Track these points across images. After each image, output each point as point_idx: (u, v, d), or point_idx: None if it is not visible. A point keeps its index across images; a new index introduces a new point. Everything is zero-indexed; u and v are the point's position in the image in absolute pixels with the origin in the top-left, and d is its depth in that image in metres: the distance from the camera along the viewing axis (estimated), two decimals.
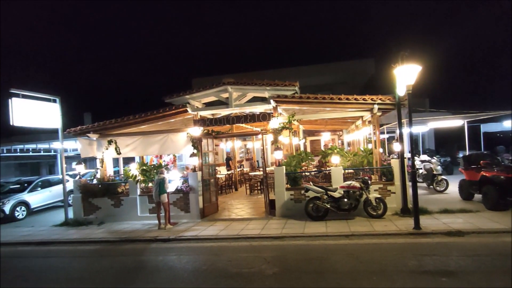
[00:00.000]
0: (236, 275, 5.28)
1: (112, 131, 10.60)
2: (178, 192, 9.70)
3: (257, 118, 9.74)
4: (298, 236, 7.22)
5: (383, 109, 9.43)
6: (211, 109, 10.35)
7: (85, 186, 10.33)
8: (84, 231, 9.27)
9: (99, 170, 10.71)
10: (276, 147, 9.31)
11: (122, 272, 6.02)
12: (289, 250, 6.47)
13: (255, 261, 5.89)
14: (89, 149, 10.67)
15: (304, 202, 8.78)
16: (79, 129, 10.58)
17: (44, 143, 17.61)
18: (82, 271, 6.42)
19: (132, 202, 10.00)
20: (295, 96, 9.36)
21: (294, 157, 9.74)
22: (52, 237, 8.82)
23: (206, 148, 10.21)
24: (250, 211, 10.11)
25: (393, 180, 8.77)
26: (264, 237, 7.36)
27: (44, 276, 6.17)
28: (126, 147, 10.50)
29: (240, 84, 9.59)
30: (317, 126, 17.36)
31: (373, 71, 24.68)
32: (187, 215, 9.64)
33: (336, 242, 6.72)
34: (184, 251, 6.95)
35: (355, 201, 8.29)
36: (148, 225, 9.35)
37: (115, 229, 9.19)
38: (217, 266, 5.81)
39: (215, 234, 7.80)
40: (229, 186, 14.35)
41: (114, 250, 7.56)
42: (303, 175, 9.66)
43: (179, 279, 5.40)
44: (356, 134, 14.27)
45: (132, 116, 10.07)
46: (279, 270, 5.40)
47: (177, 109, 9.78)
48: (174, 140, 10.17)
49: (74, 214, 10.41)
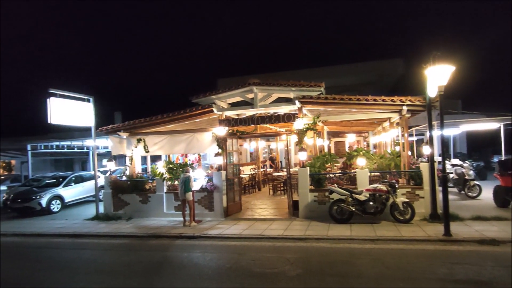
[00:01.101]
0: (260, 275, 5.32)
1: (141, 130, 10.97)
2: (202, 190, 9.89)
3: (281, 119, 9.74)
4: (321, 238, 7.16)
5: (413, 110, 9.14)
6: (236, 109, 10.46)
7: (115, 182, 10.77)
8: (114, 225, 9.66)
9: (128, 167, 11.12)
10: (300, 148, 9.27)
11: (150, 266, 6.22)
12: (312, 252, 6.43)
13: (278, 262, 5.90)
14: (120, 147, 11.10)
15: (328, 204, 8.69)
16: (111, 127, 11.04)
17: (78, 141, 18.54)
18: (112, 264, 6.70)
19: (158, 199, 10.31)
20: (320, 97, 9.28)
21: (319, 158, 9.66)
22: (84, 230, 9.26)
23: (230, 148, 10.34)
24: (273, 212, 10.13)
25: (422, 184, 8.49)
26: (287, 238, 7.35)
27: (77, 267, 6.50)
28: (154, 145, 10.83)
29: (265, 85, 9.63)
30: (342, 128, 17.07)
31: (402, 71, 23.94)
32: (211, 213, 9.80)
33: (361, 246, 6.60)
34: (208, 249, 7.08)
35: (381, 204, 8.10)
36: (173, 222, 9.59)
37: (142, 224, 9.51)
38: (241, 265, 5.88)
39: (238, 233, 7.89)
40: (253, 186, 14.42)
41: (142, 245, 7.83)
42: (327, 177, 9.55)
43: (204, 275, 5.51)
44: (382, 136, 13.92)
45: (160, 115, 10.37)
46: (302, 271, 5.38)
47: (203, 109, 9.96)
48: (200, 140, 10.38)
49: (105, 209, 10.88)
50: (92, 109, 10.98)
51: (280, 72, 24.30)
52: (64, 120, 10.18)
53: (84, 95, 10.81)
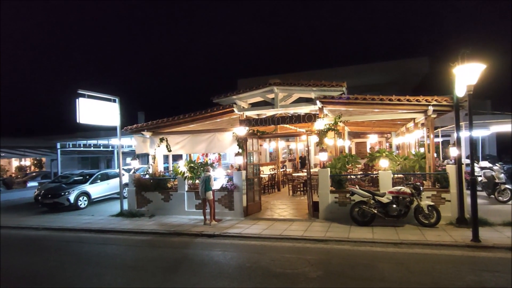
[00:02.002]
0: (280, 275, 5.32)
1: (164, 129, 11.21)
2: (223, 190, 9.99)
3: (302, 119, 9.68)
4: (342, 240, 7.06)
5: (439, 111, 8.85)
6: (256, 109, 10.49)
7: (139, 180, 11.08)
8: (137, 222, 9.93)
9: (151, 166, 11.40)
10: (321, 149, 9.19)
11: (172, 263, 6.36)
12: (333, 254, 6.36)
13: (298, 263, 5.88)
14: (143, 145, 11.40)
15: (349, 206, 8.56)
16: (135, 127, 11.37)
17: (104, 139, 19.20)
18: (136, 259, 6.90)
19: (180, 197, 10.51)
20: (342, 96, 9.15)
21: (340, 159, 9.53)
22: (109, 226, 9.58)
23: (251, 148, 10.39)
24: (293, 212, 10.09)
25: (448, 187, 8.20)
26: (307, 239, 7.30)
27: (103, 261, 6.74)
28: (176, 144, 11.05)
29: (286, 85, 9.60)
30: (363, 128, 16.75)
31: (427, 70, 23.17)
32: (231, 212, 9.88)
33: (383, 250, 6.46)
34: (229, 248, 7.15)
35: (404, 207, 7.89)
36: (194, 220, 9.75)
37: (164, 222, 9.72)
38: (261, 264, 5.90)
39: (258, 233, 7.91)
40: (272, 186, 14.42)
41: (164, 241, 8.01)
42: (348, 178, 9.41)
43: (224, 274, 5.57)
44: (406, 137, 13.55)
45: (182, 115, 10.57)
46: (323, 273, 5.33)
47: (224, 109, 10.06)
48: (220, 139, 10.49)
49: (129, 206, 11.21)
50: (117, 109, 11.33)
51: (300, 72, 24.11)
52: (91, 119, 10.56)
53: (110, 96, 11.17)
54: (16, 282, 5.71)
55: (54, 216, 11.73)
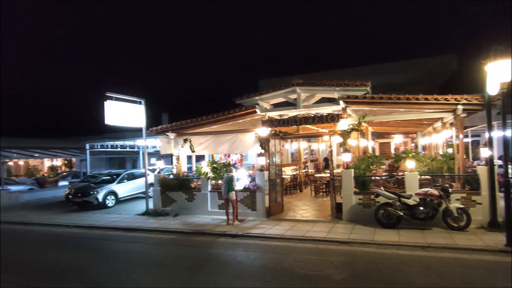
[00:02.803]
0: (304, 277, 5.30)
1: (187, 130, 11.44)
2: (245, 190, 10.06)
3: (325, 119, 9.58)
4: (367, 243, 6.93)
5: (469, 110, 8.50)
6: (278, 110, 10.49)
7: (164, 180, 11.36)
8: (162, 221, 10.18)
9: (175, 166, 11.66)
10: (344, 149, 9.06)
11: (196, 262, 6.48)
12: (357, 257, 6.26)
13: (322, 264, 5.84)
14: (168, 146, 11.68)
15: (373, 207, 8.40)
16: (160, 128, 11.67)
17: (130, 140, 19.84)
18: (161, 257, 7.09)
19: (203, 197, 10.68)
20: (366, 96, 8.99)
21: (363, 160, 9.36)
22: (135, 225, 9.88)
23: (273, 149, 10.39)
24: (316, 213, 10.00)
25: (479, 189, 7.86)
26: (330, 241, 7.23)
27: (130, 259, 6.97)
28: (199, 145, 11.25)
29: (309, 85, 9.54)
30: (387, 128, 16.34)
31: (455, 68, 22.28)
32: (254, 213, 9.93)
33: (410, 253, 6.29)
34: (252, 248, 7.19)
35: (432, 210, 7.64)
36: (217, 220, 9.87)
37: (188, 221, 9.91)
38: (284, 265, 5.90)
39: (280, 234, 7.91)
40: (294, 187, 14.36)
41: (188, 240, 8.17)
42: (372, 179, 9.23)
43: (248, 274, 5.62)
44: (433, 137, 13.10)
45: (205, 116, 10.74)
46: (347, 276, 5.27)
47: (247, 110, 10.13)
48: (243, 140, 10.58)
49: (154, 205, 11.52)
50: (143, 111, 11.67)
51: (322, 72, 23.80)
52: (118, 121, 10.92)
53: (136, 98, 11.51)
54: (49, 276, 6.01)
55: (84, 214, 12.24)
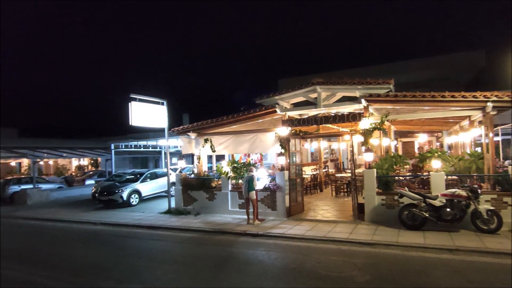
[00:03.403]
0: (326, 278, 5.25)
1: (208, 130, 11.58)
2: (265, 190, 10.07)
3: (346, 119, 9.43)
4: (391, 244, 6.77)
5: (499, 107, 8.14)
6: (299, 109, 10.43)
7: (185, 180, 11.56)
8: (184, 219, 10.37)
9: (196, 165, 11.84)
10: (366, 149, 8.90)
11: (218, 260, 6.56)
12: (381, 258, 6.13)
13: (344, 266, 5.76)
14: (189, 146, 11.88)
15: (397, 208, 8.19)
16: (181, 128, 11.88)
17: (152, 140, 20.35)
18: (184, 255, 7.22)
19: (224, 197, 10.78)
20: (389, 94, 8.78)
21: (387, 159, 9.15)
22: (158, 223, 10.11)
23: (293, 148, 10.34)
24: (337, 214, 9.87)
25: (511, 190, 7.51)
26: (352, 242, 7.11)
27: (153, 256, 7.14)
28: (220, 145, 11.36)
29: (329, 84, 9.42)
30: (411, 127, 15.86)
31: (483, 64, 21.34)
32: (274, 212, 9.93)
33: (437, 256, 6.09)
34: (272, 248, 7.19)
35: (460, 211, 7.37)
36: (237, 219, 9.94)
37: (209, 220, 10.04)
38: (306, 266, 5.87)
39: (301, 234, 7.86)
40: (314, 186, 14.23)
41: (209, 239, 8.28)
42: (396, 179, 9.00)
43: (269, 274, 5.63)
44: (460, 136, 12.61)
45: (225, 116, 10.84)
46: (371, 278, 5.17)
47: (267, 110, 10.13)
48: (263, 140, 10.59)
49: (176, 204, 11.74)
50: (165, 112, 11.92)
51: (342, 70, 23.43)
52: (142, 122, 11.22)
53: (158, 99, 11.77)
54: (78, 271, 6.26)
55: (109, 212, 12.65)
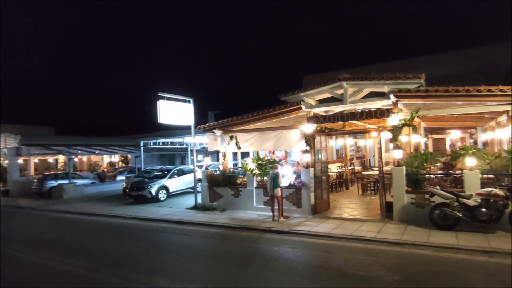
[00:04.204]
0: (353, 277, 5.18)
1: (233, 128, 11.71)
2: (290, 187, 10.05)
3: (374, 115, 9.21)
4: (421, 244, 6.56)
5: None
6: (324, 106, 10.30)
7: (211, 176, 11.76)
8: (210, 215, 10.57)
9: (222, 162, 12.01)
10: (395, 146, 8.65)
11: (244, 256, 6.65)
12: (411, 259, 5.96)
13: (372, 265, 5.66)
14: (214, 143, 12.07)
15: (427, 207, 7.92)
16: (207, 125, 12.09)
17: (179, 138, 20.85)
18: (210, 250, 7.38)
19: (249, 194, 10.88)
20: (420, 89, 8.47)
21: (417, 157, 8.84)
22: (185, 218, 10.37)
23: (318, 145, 10.25)
24: (363, 212, 9.69)
25: None
26: (380, 241, 6.96)
27: (181, 250, 7.36)
28: (245, 142, 11.46)
29: (356, 79, 9.23)
30: (442, 123, 15.21)
31: None
32: (299, 210, 9.90)
33: (471, 258, 5.84)
34: (298, 245, 7.18)
35: (497, 212, 7.00)
36: (262, 216, 10.00)
37: (234, 216, 10.17)
38: (332, 264, 5.82)
39: (327, 232, 7.79)
40: (340, 184, 14.03)
41: (235, 235, 8.39)
42: (426, 178, 8.69)
43: (295, 271, 5.64)
44: (497, 133, 11.94)
45: (250, 114, 10.90)
46: (401, 279, 5.05)
47: (292, 107, 10.09)
48: (288, 137, 10.57)
49: (202, 200, 11.99)
50: (192, 110, 12.16)
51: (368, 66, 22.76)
52: (169, 119, 11.51)
53: (185, 97, 12.02)
54: (112, 262, 6.56)
55: (139, 207, 13.13)
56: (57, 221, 12.06)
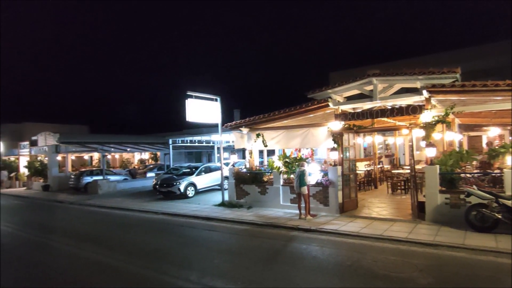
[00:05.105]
0: (384, 278, 5.07)
1: (259, 125, 11.75)
2: (317, 185, 9.96)
3: (405, 111, 8.89)
4: (457, 246, 6.29)
5: None
6: (352, 103, 10.08)
7: (238, 174, 11.90)
8: (237, 212, 10.70)
9: (248, 160, 12.11)
10: (428, 144, 8.33)
11: (271, 253, 6.68)
12: (445, 261, 5.74)
13: (404, 266, 5.50)
14: (241, 141, 12.18)
15: (463, 208, 7.58)
16: (234, 123, 12.22)
17: (206, 136, 21.23)
18: (238, 246, 7.49)
19: (275, 191, 10.90)
20: (455, 84, 8.07)
21: (452, 155, 8.46)
22: (213, 215, 10.57)
23: (346, 143, 10.07)
24: (393, 212, 9.42)
25: None
26: (412, 242, 6.75)
27: (211, 245, 7.51)
28: (271, 140, 11.48)
29: (387, 75, 8.95)
30: (479, 120, 14.39)
31: None
32: (326, 208, 9.79)
33: None
34: (326, 243, 7.12)
35: None
36: (289, 213, 9.99)
37: (261, 213, 10.24)
38: (362, 264, 5.72)
39: (356, 231, 7.66)
40: (368, 183, 13.71)
41: (262, 232, 8.45)
42: (462, 177, 8.30)
43: (324, 269, 5.60)
44: None
45: (277, 111, 10.89)
46: (434, 281, 4.87)
47: (319, 104, 9.96)
48: (315, 134, 10.46)
49: (229, 197, 12.16)
50: (219, 108, 12.32)
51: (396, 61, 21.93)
52: (197, 118, 11.74)
53: (212, 96, 12.21)
54: (145, 255, 6.83)
55: (168, 203, 13.53)
56: (93, 215, 12.70)
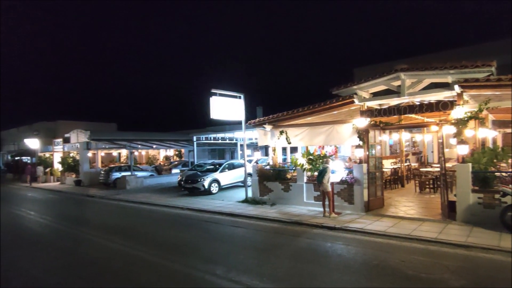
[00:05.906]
0: (414, 279, 4.94)
1: (283, 123, 11.71)
2: (342, 183, 9.82)
3: (435, 107, 8.55)
4: (491, 248, 6.02)
5: None
6: (379, 99, 9.83)
7: (261, 171, 11.94)
8: (260, 209, 10.75)
9: (272, 157, 12.11)
10: (459, 141, 7.99)
11: (296, 250, 6.68)
12: (479, 263, 5.51)
13: (434, 267, 5.34)
14: (264, 138, 12.20)
15: (498, 208, 7.23)
16: (258, 121, 12.25)
17: (229, 133, 21.46)
18: (263, 243, 7.54)
19: (299, 188, 10.85)
20: (490, 78, 7.68)
21: (485, 153, 8.06)
22: (237, 211, 10.67)
23: (372, 140, 9.84)
24: (422, 211, 9.13)
25: None
26: (443, 243, 6.52)
27: (235, 241, 7.61)
28: (295, 137, 11.41)
29: (416, 70, 8.65)
30: None
31: None
32: (351, 206, 9.64)
33: None
34: (351, 242, 7.02)
35: None
36: (312, 211, 9.92)
37: (285, 211, 10.23)
38: (389, 264, 5.60)
39: (383, 230, 7.49)
40: (395, 181, 13.34)
41: (286, 229, 8.44)
42: (497, 176, 7.90)
43: (350, 268, 5.53)
44: None
45: (301, 108, 10.81)
46: (468, 284, 4.69)
47: (344, 100, 9.79)
48: (339, 131, 10.30)
49: (252, 194, 12.23)
50: (243, 105, 12.39)
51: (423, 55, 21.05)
52: (221, 115, 11.86)
53: (236, 93, 12.29)
54: (172, 249, 7.02)
55: (193, 199, 13.81)
56: (121, 209, 13.19)
